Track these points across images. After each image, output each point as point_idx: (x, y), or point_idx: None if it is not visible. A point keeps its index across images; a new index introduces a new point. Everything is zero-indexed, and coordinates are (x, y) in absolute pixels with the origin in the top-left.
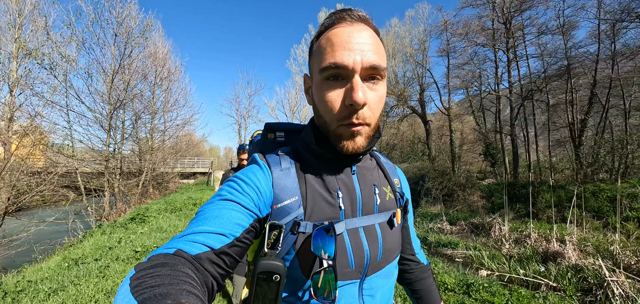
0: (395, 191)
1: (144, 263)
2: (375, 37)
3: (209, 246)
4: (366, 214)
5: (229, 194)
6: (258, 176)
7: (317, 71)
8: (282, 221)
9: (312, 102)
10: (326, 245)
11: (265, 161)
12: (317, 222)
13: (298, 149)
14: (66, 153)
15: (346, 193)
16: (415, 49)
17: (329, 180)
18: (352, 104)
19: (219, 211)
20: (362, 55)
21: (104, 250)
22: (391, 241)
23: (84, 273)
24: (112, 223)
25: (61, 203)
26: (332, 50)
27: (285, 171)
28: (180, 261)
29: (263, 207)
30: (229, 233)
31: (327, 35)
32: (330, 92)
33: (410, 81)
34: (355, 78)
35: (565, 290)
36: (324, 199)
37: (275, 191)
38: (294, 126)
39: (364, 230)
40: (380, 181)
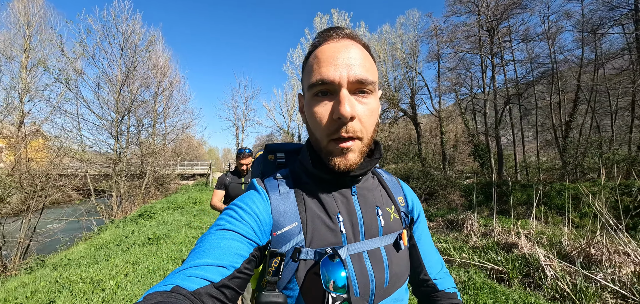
0: (399, 211)
1: (140, 303)
2: (363, 52)
3: (208, 280)
4: (370, 237)
5: (227, 223)
6: (256, 203)
7: (307, 88)
8: (283, 248)
9: (305, 120)
10: (332, 273)
11: (263, 186)
12: (318, 248)
13: (296, 171)
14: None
15: (347, 216)
16: (406, 54)
17: (328, 203)
18: (340, 117)
19: (218, 242)
20: (348, 70)
21: (122, 238)
22: (398, 264)
23: (110, 253)
24: (122, 219)
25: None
26: (319, 66)
27: (283, 196)
28: (177, 299)
29: (262, 235)
30: (228, 265)
31: (315, 53)
32: (319, 107)
33: (402, 85)
34: (342, 91)
35: (509, 273)
36: (324, 224)
37: (274, 217)
38: (293, 146)
39: (368, 255)
40: (383, 202)
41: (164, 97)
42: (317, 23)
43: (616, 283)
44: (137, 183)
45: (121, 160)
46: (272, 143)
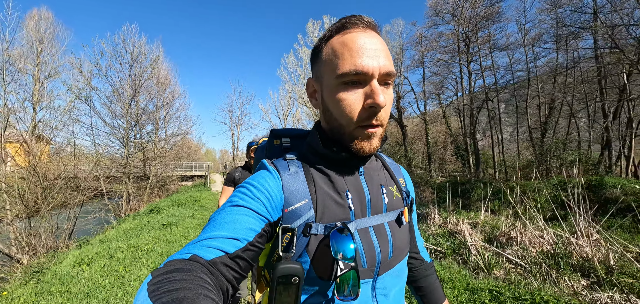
0: (401, 190)
1: (161, 269)
2: (384, 44)
3: (224, 250)
4: (375, 213)
5: (240, 200)
6: (268, 181)
7: (333, 76)
8: (294, 224)
9: (322, 105)
10: (342, 245)
11: (274, 166)
12: (328, 223)
13: (305, 154)
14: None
15: (355, 193)
16: (392, 61)
17: (337, 182)
18: (375, 106)
19: (232, 217)
20: (378, 62)
21: (141, 225)
22: (400, 239)
23: (137, 233)
24: (134, 215)
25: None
26: (351, 56)
27: (294, 175)
28: (195, 266)
29: (274, 211)
30: (242, 238)
31: (342, 40)
32: (349, 96)
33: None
34: (374, 82)
35: (445, 253)
36: (333, 200)
37: (285, 195)
38: (299, 132)
39: (374, 229)
40: (386, 181)
41: (165, 105)
42: (309, 29)
43: (519, 257)
44: (142, 185)
45: (129, 164)
46: (277, 129)
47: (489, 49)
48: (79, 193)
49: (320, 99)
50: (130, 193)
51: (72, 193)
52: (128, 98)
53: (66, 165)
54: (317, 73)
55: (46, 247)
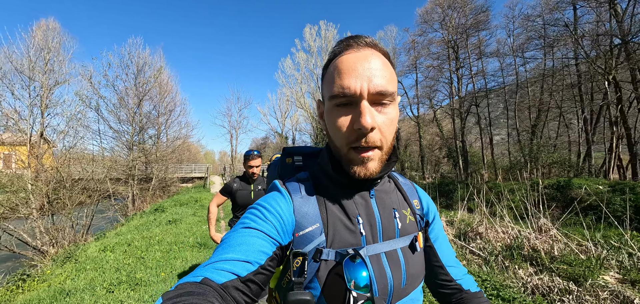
0: (415, 214)
1: (171, 292)
2: (383, 61)
3: (236, 273)
4: (387, 239)
5: (252, 222)
6: (280, 204)
7: (327, 98)
8: (305, 248)
9: (325, 127)
10: (354, 273)
11: (286, 188)
12: (339, 249)
13: (316, 174)
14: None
15: (366, 218)
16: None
17: (348, 206)
18: (360, 128)
19: (244, 239)
20: (368, 81)
21: (149, 222)
22: (414, 266)
23: (147, 228)
24: (140, 213)
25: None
26: (340, 78)
27: (305, 199)
28: (206, 290)
29: (285, 235)
30: (254, 261)
31: (335, 63)
32: (340, 118)
33: None
34: (363, 103)
35: None
36: (344, 225)
37: (296, 218)
38: (311, 150)
39: (386, 256)
40: (399, 204)
41: (166, 112)
42: (306, 34)
43: (481, 250)
44: (145, 186)
45: (134, 168)
46: (290, 147)
47: (478, 55)
48: (95, 194)
49: (325, 120)
50: (134, 195)
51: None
52: (133, 106)
53: (84, 169)
54: (322, 94)
55: (68, 240)
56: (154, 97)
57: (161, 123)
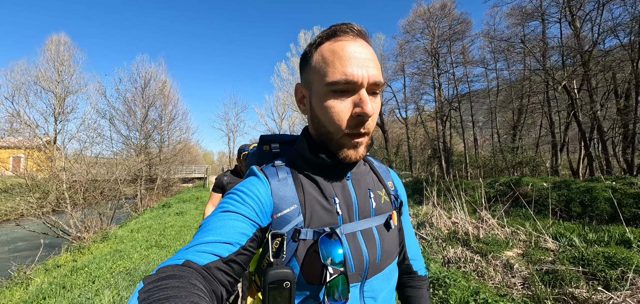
0: (389, 194)
1: (152, 276)
2: (374, 53)
3: (218, 254)
4: (363, 218)
5: (230, 206)
6: (258, 187)
7: (322, 83)
8: (283, 229)
9: (310, 111)
10: (330, 250)
11: (263, 172)
12: (316, 229)
13: (293, 159)
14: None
15: (342, 198)
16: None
17: (325, 187)
18: (363, 115)
19: (224, 222)
20: (368, 71)
21: (159, 214)
22: (389, 242)
23: (160, 218)
24: (149, 209)
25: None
26: (341, 64)
27: (282, 181)
28: (189, 272)
29: (264, 217)
30: (235, 242)
31: (332, 48)
32: (338, 104)
33: None
34: (363, 91)
35: None
36: (321, 206)
37: (274, 201)
38: (288, 137)
39: (361, 234)
40: (374, 185)
41: (170, 120)
42: (301, 39)
43: (427, 235)
44: (150, 187)
45: (141, 170)
46: (266, 135)
47: (463, 61)
48: (114, 193)
49: (308, 105)
50: (142, 194)
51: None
52: (141, 116)
53: (109, 171)
54: (305, 79)
55: (99, 227)
56: (158, 107)
57: (164, 128)
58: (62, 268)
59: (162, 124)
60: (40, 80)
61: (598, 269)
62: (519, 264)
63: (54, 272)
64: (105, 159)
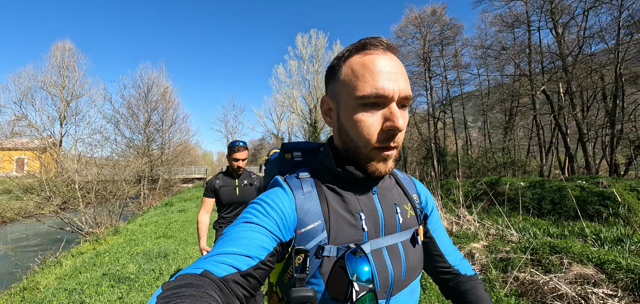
0: (415, 208)
1: (171, 282)
2: (403, 66)
3: (236, 267)
4: (389, 233)
5: (253, 217)
6: (283, 200)
7: (351, 97)
8: (307, 245)
9: (337, 124)
10: (356, 267)
11: (288, 184)
12: (340, 245)
13: (317, 171)
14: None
15: (368, 214)
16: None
17: (350, 202)
18: (393, 129)
19: (245, 233)
20: (398, 85)
21: (163, 211)
22: (414, 259)
23: (165, 214)
24: (154, 207)
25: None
26: (372, 78)
27: (307, 195)
28: (206, 283)
29: (286, 231)
30: (254, 256)
31: (362, 61)
32: (368, 118)
33: None
34: (394, 105)
35: None
36: (346, 222)
37: (298, 215)
38: (310, 145)
39: (387, 250)
40: (400, 200)
41: (171, 123)
42: (298, 42)
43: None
44: (153, 186)
45: (144, 171)
46: (288, 143)
47: (454, 64)
48: (121, 192)
49: (335, 118)
50: (145, 194)
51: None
52: (144, 120)
53: (117, 172)
54: (333, 92)
55: (109, 223)
56: (160, 111)
57: (165, 131)
58: (85, 255)
59: (163, 127)
60: (47, 85)
61: (543, 256)
62: (480, 254)
63: (79, 258)
64: (112, 161)
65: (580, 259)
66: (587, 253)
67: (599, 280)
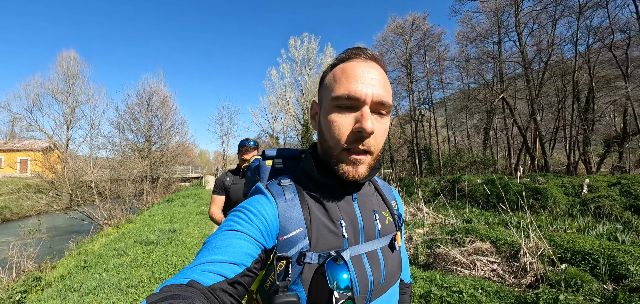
0: (393, 215)
1: (156, 294)
2: (384, 76)
3: (223, 275)
4: (368, 240)
5: (237, 225)
6: (265, 207)
7: (329, 99)
8: (289, 252)
9: (319, 127)
10: (336, 274)
11: (270, 192)
12: (322, 252)
13: (299, 177)
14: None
15: (348, 221)
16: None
17: (331, 209)
18: (361, 131)
19: (229, 241)
20: (372, 90)
21: (166, 206)
22: (392, 264)
23: (169, 208)
24: (156, 204)
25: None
26: (347, 81)
27: (289, 202)
28: (193, 292)
29: (269, 238)
30: (240, 263)
31: (342, 67)
32: (340, 119)
33: None
34: (365, 108)
35: None
36: (327, 229)
37: (281, 222)
38: (291, 152)
39: (366, 256)
40: (379, 207)
41: (169, 127)
42: (291, 45)
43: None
44: (153, 185)
45: (146, 171)
46: (269, 149)
47: (428, 72)
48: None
49: (318, 121)
50: (147, 192)
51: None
52: (145, 124)
53: (124, 172)
54: (319, 96)
55: (121, 216)
56: (160, 116)
57: (165, 134)
58: (112, 235)
59: (162, 130)
60: (54, 92)
61: (458, 236)
62: (417, 236)
63: (109, 237)
64: (121, 162)
65: (481, 238)
66: (487, 234)
67: (489, 252)
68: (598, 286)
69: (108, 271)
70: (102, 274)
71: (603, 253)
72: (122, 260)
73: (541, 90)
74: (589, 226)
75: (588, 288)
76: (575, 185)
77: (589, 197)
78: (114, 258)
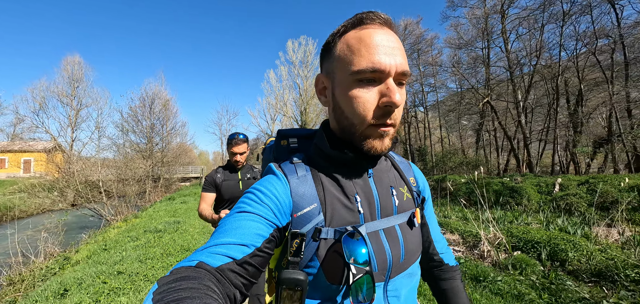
0: (412, 191)
1: (167, 277)
2: (400, 42)
3: (231, 257)
4: (385, 216)
5: (247, 206)
6: (276, 186)
7: (347, 72)
8: (303, 229)
9: (332, 103)
10: (353, 249)
11: (281, 170)
12: (338, 227)
13: (312, 155)
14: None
15: (364, 196)
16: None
17: (346, 185)
18: (390, 104)
19: (239, 223)
20: (395, 60)
21: (169, 204)
22: (412, 241)
23: (172, 207)
24: (158, 202)
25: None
26: (368, 52)
27: (302, 179)
28: (202, 274)
29: (282, 216)
30: (250, 244)
31: (358, 36)
32: (364, 94)
33: None
34: (391, 80)
35: None
36: (342, 204)
37: (293, 199)
38: (306, 132)
39: (384, 233)
40: (396, 182)
41: (170, 129)
42: (289, 47)
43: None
44: (155, 185)
45: (148, 171)
46: (284, 129)
47: (432, 72)
48: (139, 187)
49: (330, 96)
50: (149, 190)
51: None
52: (148, 127)
53: (128, 171)
54: (328, 69)
55: (127, 212)
56: (161, 118)
57: (166, 136)
58: (122, 228)
59: (164, 133)
60: (60, 96)
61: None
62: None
63: (119, 229)
64: (125, 162)
65: (451, 230)
66: (456, 227)
67: (456, 242)
68: (539, 269)
69: (126, 251)
70: (123, 253)
71: (549, 242)
72: (137, 243)
73: (529, 93)
74: (549, 220)
75: (531, 269)
76: (548, 184)
77: (559, 195)
78: (130, 242)
